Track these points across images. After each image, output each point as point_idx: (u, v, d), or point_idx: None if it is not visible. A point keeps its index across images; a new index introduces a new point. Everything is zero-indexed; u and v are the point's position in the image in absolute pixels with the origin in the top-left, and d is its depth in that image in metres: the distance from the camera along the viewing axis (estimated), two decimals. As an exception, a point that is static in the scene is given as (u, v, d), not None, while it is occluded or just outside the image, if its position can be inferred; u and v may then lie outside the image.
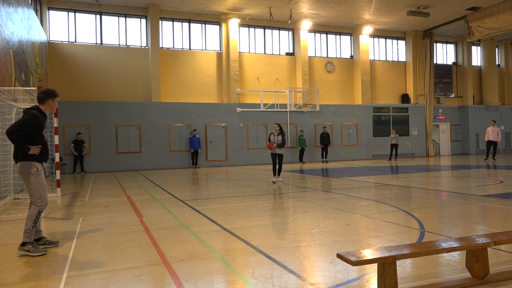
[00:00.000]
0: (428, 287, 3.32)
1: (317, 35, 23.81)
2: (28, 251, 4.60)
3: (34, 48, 14.56)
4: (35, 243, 4.75)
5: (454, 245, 3.37)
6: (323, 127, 21.70)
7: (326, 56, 24.01)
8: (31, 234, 4.68)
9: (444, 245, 3.38)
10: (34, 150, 4.71)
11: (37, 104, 5.01)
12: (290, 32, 23.09)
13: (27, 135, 4.68)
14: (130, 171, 18.25)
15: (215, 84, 21.34)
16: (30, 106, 5.05)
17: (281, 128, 11.71)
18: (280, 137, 11.52)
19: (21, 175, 4.79)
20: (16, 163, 4.81)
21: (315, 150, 22.55)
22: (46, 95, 4.98)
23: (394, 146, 21.38)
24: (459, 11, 21.51)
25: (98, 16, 19.53)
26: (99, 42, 19.58)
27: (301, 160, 21.14)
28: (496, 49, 28.09)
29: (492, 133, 18.65)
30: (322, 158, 21.45)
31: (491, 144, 18.77)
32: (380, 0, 19.51)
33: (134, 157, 19.13)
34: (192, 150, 19.41)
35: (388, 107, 24.77)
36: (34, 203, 4.75)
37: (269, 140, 11.70)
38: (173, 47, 20.70)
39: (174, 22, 20.79)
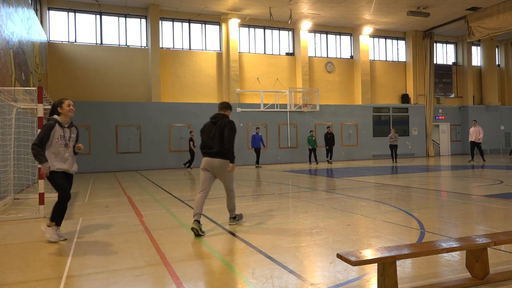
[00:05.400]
0: (428, 287, 3.32)
1: (317, 35, 23.81)
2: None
3: (34, 48, 14.56)
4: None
5: (454, 245, 3.37)
6: (327, 127, 20.85)
7: (326, 56, 24.01)
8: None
9: (444, 245, 3.38)
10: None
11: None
12: (290, 32, 23.09)
13: None
14: (130, 171, 18.24)
15: (215, 84, 21.34)
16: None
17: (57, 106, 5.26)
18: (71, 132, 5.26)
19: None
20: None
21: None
22: None
23: (393, 147, 20.31)
24: (459, 11, 21.52)
25: (98, 16, 19.53)
26: (99, 42, 19.58)
27: (311, 160, 20.40)
28: (496, 49, 28.10)
29: (474, 134, 18.05)
30: (327, 158, 20.47)
31: (475, 145, 18.20)
32: (380, 0, 19.51)
33: (134, 157, 19.13)
34: (253, 148, 18.99)
35: (388, 107, 24.77)
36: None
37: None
38: (173, 47, 20.70)
39: (174, 22, 20.80)
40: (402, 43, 25.78)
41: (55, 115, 5.22)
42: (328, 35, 24.08)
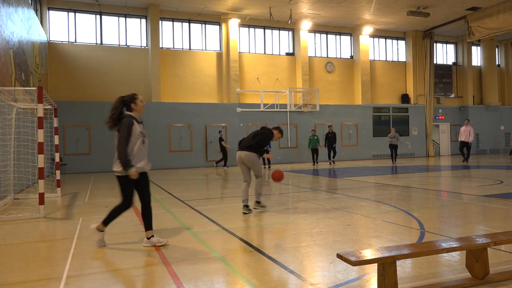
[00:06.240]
0: (428, 287, 3.32)
1: (317, 35, 23.81)
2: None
3: (34, 48, 14.55)
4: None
5: (454, 245, 3.37)
6: (328, 126, 20.34)
7: (326, 56, 24.01)
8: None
9: (444, 245, 3.38)
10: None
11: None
12: (290, 32, 23.09)
13: None
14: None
15: (215, 84, 21.34)
16: None
17: None
18: None
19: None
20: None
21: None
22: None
23: (393, 147, 19.60)
24: (459, 11, 21.51)
25: (98, 16, 19.53)
26: (99, 42, 19.58)
27: (314, 161, 19.77)
28: (496, 49, 28.10)
29: (464, 133, 17.75)
30: (329, 159, 19.90)
31: (464, 144, 17.91)
32: (380, 0, 19.51)
33: (134, 157, 19.08)
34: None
35: (388, 107, 24.77)
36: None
37: None
38: (173, 47, 20.70)
39: (174, 22, 20.80)
40: (402, 43, 25.77)
41: (127, 112, 4.83)
42: (328, 35, 24.07)
